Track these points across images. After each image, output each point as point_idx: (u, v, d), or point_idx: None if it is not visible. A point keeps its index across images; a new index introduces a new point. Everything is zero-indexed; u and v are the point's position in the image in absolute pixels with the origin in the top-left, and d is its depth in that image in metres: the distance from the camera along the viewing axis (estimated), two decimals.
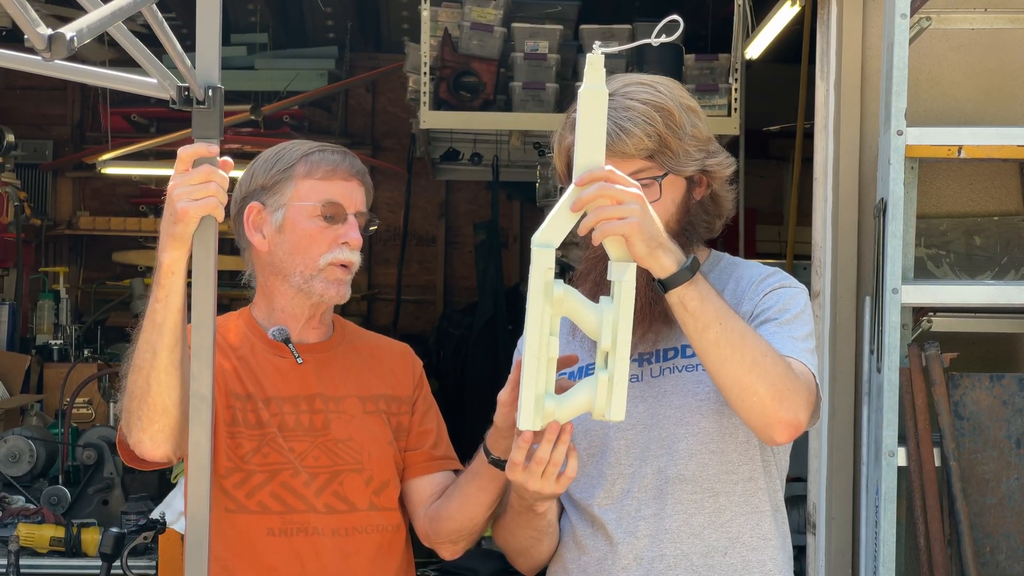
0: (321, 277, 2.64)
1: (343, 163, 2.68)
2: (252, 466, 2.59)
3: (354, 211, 2.67)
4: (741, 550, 2.47)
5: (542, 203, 6.40)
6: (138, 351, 2.41)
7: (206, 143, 2.17)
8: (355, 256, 2.68)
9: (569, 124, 2.48)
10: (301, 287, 2.65)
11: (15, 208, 7.93)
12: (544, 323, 2.17)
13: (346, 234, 2.65)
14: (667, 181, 2.45)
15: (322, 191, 2.64)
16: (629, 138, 2.42)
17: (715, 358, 2.29)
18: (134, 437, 2.47)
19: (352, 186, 2.68)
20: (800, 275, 3.42)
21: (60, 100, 9.53)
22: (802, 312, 2.47)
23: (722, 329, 2.27)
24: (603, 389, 2.20)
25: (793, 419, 2.31)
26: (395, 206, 9.76)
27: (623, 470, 2.49)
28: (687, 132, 2.46)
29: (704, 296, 2.26)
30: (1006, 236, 4.09)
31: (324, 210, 2.64)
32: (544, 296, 2.17)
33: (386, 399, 2.71)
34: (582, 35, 6.35)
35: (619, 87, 2.48)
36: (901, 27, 3.61)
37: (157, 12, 1.92)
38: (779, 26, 5.26)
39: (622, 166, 2.38)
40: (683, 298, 2.26)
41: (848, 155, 4.11)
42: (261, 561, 2.59)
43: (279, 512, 2.60)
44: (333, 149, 2.71)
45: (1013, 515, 3.67)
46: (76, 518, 4.71)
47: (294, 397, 2.65)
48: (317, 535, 2.61)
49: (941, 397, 3.67)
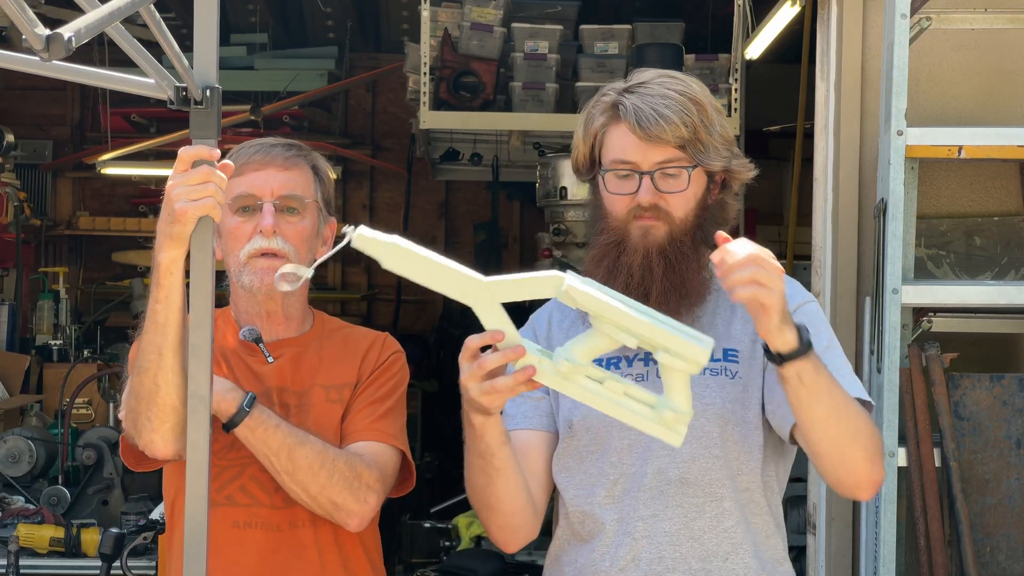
0: (247, 271, 2.65)
1: (257, 153, 2.67)
2: (226, 462, 2.62)
3: (271, 197, 2.65)
4: (743, 556, 2.46)
5: (542, 203, 6.40)
6: (143, 353, 2.42)
7: (206, 144, 2.17)
8: (274, 243, 2.63)
9: (600, 107, 2.48)
10: (242, 284, 2.67)
11: (15, 208, 7.93)
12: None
13: (259, 222, 2.63)
14: (695, 173, 2.45)
15: (234, 186, 2.61)
16: (667, 124, 2.41)
17: (821, 431, 2.31)
18: (144, 438, 2.47)
19: (267, 173, 2.66)
20: (800, 275, 3.42)
21: (60, 100, 9.53)
22: (831, 332, 2.48)
23: (831, 402, 2.28)
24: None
25: (879, 478, 2.39)
26: (395, 206, 9.77)
27: (624, 469, 2.47)
28: (716, 129, 2.47)
29: (817, 369, 2.26)
30: (1006, 236, 4.09)
31: (235, 203, 2.64)
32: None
33: (349, 387, 2.72)
34: (582, 35, 6.35)
35: (653, 77, 2.48)
36: (901, 27, 3.61)
37: (155, 12, 1.92)
38: (779, 26, 5.25)
39: (656, 152, 2.41)
40: (800, 372, 2.25)
41: (848, 155, 4.11)
42: (224, 553, 2.59)
43: (245, 505, 2.64)
44: (264, 143, 2.70)
45: (1013, 515, 3.66)
46: (76, 518, 4.70)
47: (265, 391, 2.67)
48: (275, 531, 2.64)
49: (941, 397, 3.67)
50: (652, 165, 2.43)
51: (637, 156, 2.43)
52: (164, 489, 2.79)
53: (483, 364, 2.22)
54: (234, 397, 2.54)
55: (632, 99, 2.44)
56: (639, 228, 2.44)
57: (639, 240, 2.44)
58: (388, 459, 2.68)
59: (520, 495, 2.46)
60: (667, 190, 2.44)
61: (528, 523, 2.50)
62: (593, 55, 6.28)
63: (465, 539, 5.17)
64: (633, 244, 2.44)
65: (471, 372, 2.24)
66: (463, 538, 5.18)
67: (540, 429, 2.56)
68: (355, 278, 9.89)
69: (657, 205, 2.43)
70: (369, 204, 9.94)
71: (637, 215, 2.44)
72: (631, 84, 2.48)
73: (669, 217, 2.44)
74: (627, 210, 2.45)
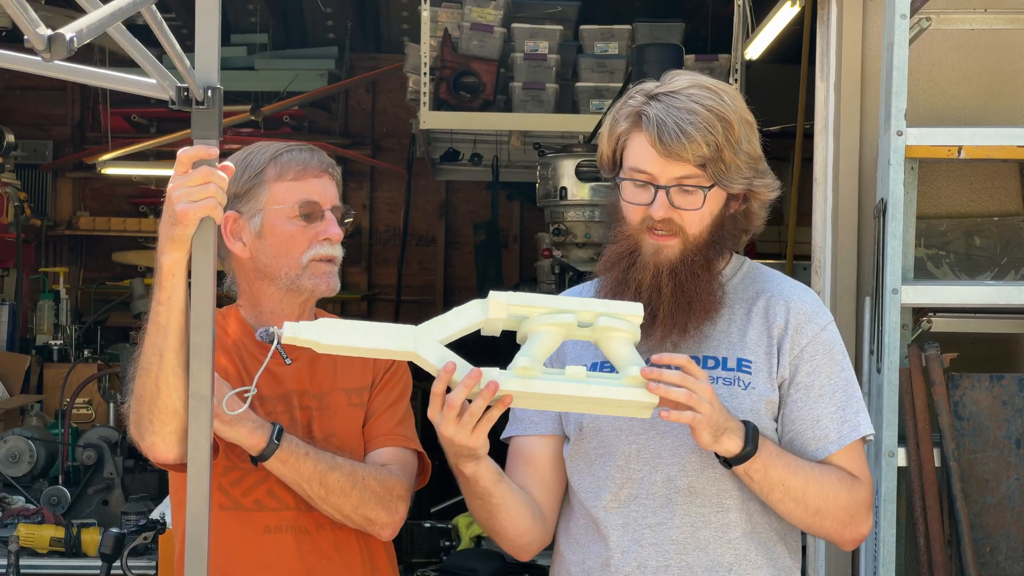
0: (307, 274, 2.67)
1: (312, 160, 2.71)
2: (249, 464, 2.60)
3: (330, 206, 2.70)
4: (747, 568, 2.45)
5: (542, 203, 6.40)
6: (144, 354, 2.42)
7: (206, 145, 2.17)
8: (337, 250, 2.70)
9: (626, 110, 2.44)
10: (289, 287, 2.68)
11: (15, 208, 7.93)
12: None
13: (326, 230, 2.68)
14: (712, 192, 2.41)
15: (297, 191, 2.67)
16: (689, 143, 2.36)
17: (781, 511, 2.44)
18: (147, 441, 2.48)
19: (324, 181, 2.71)
20: (800, 275, 3.42)
21: (60, 100, 9.54)
22: (843, 361, 2.52)
23: (785, 489, 2.40)
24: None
25: (858, 536, 2.50)
26: (395, 206, 9.77)
27: (632, 475, 2.46)
28: (743, 148, 2.41)
29: (767, 464, 2.38)
30: (1006, 236, 4.09)
31: (302, 210, 2.67)
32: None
33: (366, 390, 2.74)
34: (582, 35, 6.35)
35: (684, 86, 2.42)
36: (901, 27, 3.61)
37: (156, 12, 1.92)
38: (779, 26, 5.26)
39: (675, 167, 2.38)
40: (748, 471, 2.38)
41: (848, 155, 4.11)
42: (257, 558, 2.62)
43: (274, 509, 2.64)
44: (300, 148, 2.73)
45: (1013, 515, 3.66)
46: (76, 518, 4.70)
47: (285, 394, 2.68)
48: (307, 532, 2.65)
49: (941, 397, 3.67)
50: (670, 180, 2.39)
51: (655, 169, 2.39)
52: (171, 495, 2.78)
53: (451, 404, 2.26)
54: (263, 432, 2.55)
55: (658, 109, 2.39)
56: (652, 245, 2.42)
57: (650, 257, 2.42)
58: (411, 463, 2.75)
59: (525, 519, 2.50)
60: (682, 207, 2.40)
61: (537, 538, 2.55)
62: (593, 55, 6.28)
63: (465, 539, 5.17)
64: (644, 259, 2.42)
65: (446, 419, 2.27)
66: (463, 538, 5.18)
67: (547, 433, 2.56)
68: (355, 278, 9.89)
69: (671, 219, 2.41)
70: (369, 204, 9.94)
71: (650, 227, 2.42)
72: (660, 90, 2.42)
73: (683, 232, 2.42)
74: (641, 219, 2.42)
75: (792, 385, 2.47)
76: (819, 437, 2.45)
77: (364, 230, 9.88)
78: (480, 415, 2.25)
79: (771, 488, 2.39)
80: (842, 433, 2.46)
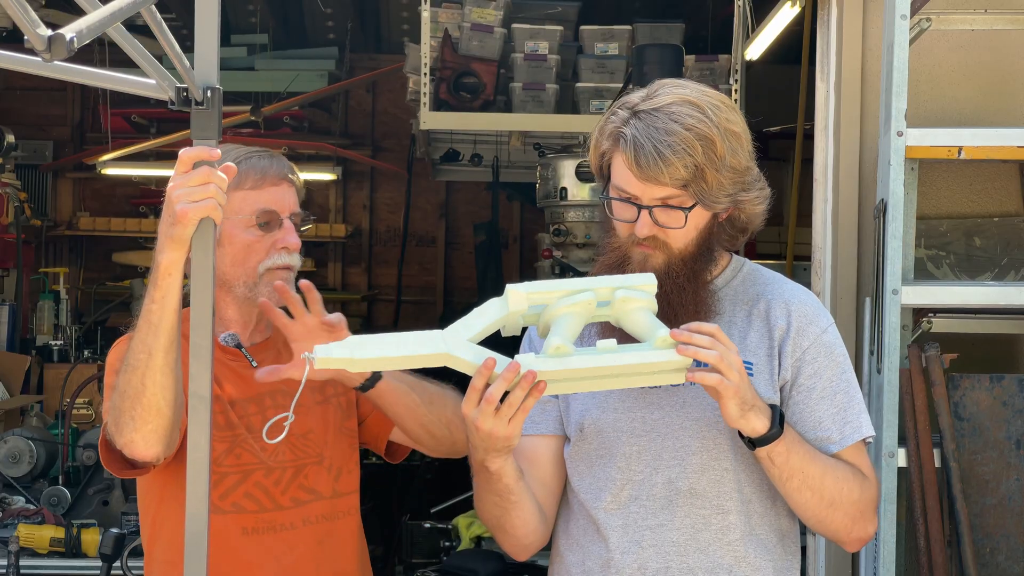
0: (264, 283, 2.67)
1: (271, 168, 2.70)
2: (225, 468, 2.62)
3: (288, 214, 2.69)
4: (747, 569, 2.45)
5: (542, 204, 6.41)
6: (133, 351, 2.41)
7: (207, 146, 2.17)
8: (294, 259, 2.69)
9: (608, 128, 2.42)
10: (246, 296, 2.68)
11: (15, 209, 7.93)
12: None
13: (284, 239, 2.67)
14: (694, 210, 2.40)
15: (254, 201, 2.66)
16: (666, 166, 2.34)
17: (796, 501, 2.43)
18: (125, 437, 2.45)
19: (283, 189, 2.70)
20: (800, 276, 3.42)
21: (60, 101, 9.54)
22: (844, 362, 2.51)
23: (804, 477, 2.40)
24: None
25: (864, 536, 2.49)
26: (395, 207, 9.78)
27: (632, 476, 2.46)
28: (726, 163, 2.37)
29: (790, 449, 2.37)
30: (1006, 237, 4.09)
31: (259, 219, 2.66)
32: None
33: (330, 383, 2.73)
34: (582, 36, 6.36)
35: (666, 103, 2.38)
36: (901, 28, 3.61)
37: (156, 13, 1.92)
38: (779, 27, 5.26)
39: (654, 190, 2.37)
40: (771, 454, 2.37)
41: (848, 156, 4.11)
42: (239, 558, 2.62)
43: (253, 511, 2.65)
44: (260, 154, 2.72)
45: (1013, 516, 3.67)
46: (76, 519, 4.70)
47: (256, 396, 2.69)
48: (288, 530, 2.66)
49: (941, 398, 3.67)
50: (651, 200, 2.38)
51: (636, 190, 2.39)
52: (141, 502, 2.76)
53: (490, 398, 2.25)
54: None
55: (637, 129, 2.36)
56: (640, 254, 2.43)
57: (639, 267, 2.42)
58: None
59: (534, 519, 2.50)
60: (666, 224, 2.40)
61: (540, 538, 2.55)
62: (593, 56, 6.29)
63: (465, 539, 5.17)
64: (633, 270, 2.42)
65: (483, 413, 2.26)
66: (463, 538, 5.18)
67: (549, 434, 2.56)
68: (355, 278, 9.90)
69: (655, 236, 2.41)
70: (369, 204, 9.95)
71: (636, 241, 2.42)
72: (643, 107, 2.39)
73: (667, 248, 2.41)
74: (628, 234, 2.43)
75: (794, 387, 2.47)
76: (821, 438, 2.46)
77: (364, 231, 9.89)
78: (519, 405, 2.25)
79: (791, 474, 2.38)
80: (844, 434, 2.47)
